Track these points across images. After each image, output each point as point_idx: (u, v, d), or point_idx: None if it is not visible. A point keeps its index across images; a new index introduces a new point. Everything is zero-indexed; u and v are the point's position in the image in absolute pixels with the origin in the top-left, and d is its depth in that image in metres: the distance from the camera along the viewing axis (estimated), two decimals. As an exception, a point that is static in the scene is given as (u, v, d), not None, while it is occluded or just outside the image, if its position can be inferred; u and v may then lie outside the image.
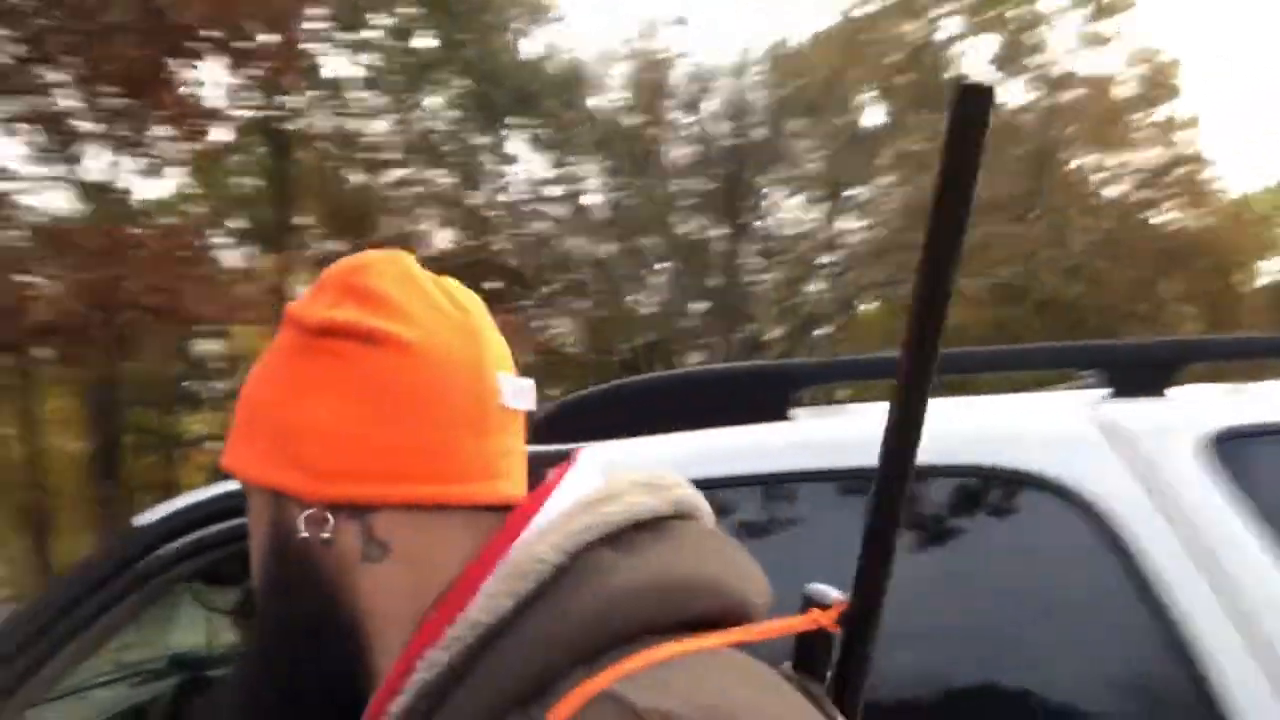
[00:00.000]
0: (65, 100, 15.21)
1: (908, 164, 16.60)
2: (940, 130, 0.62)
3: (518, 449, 0.74)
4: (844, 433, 1.73)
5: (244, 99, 16.63)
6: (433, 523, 0.69)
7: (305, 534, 0.68)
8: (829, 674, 0.73)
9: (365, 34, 19.83)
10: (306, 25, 16.90)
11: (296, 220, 22.21)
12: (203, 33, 11.28)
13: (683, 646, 0.62)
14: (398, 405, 0.68)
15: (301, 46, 14.98)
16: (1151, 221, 19.76)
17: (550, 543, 0.65)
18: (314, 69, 19.27)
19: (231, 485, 1.63)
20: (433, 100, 19.41)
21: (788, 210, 16.84)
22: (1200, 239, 19.11)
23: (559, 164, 16.92)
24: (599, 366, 16.92)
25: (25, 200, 19.38)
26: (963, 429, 1.54)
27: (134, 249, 11.87)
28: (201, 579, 2.01)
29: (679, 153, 15.59)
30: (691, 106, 14.41)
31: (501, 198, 17.35)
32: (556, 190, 17.43)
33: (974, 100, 0.61)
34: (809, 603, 0.73)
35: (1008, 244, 16.79)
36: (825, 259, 16.73)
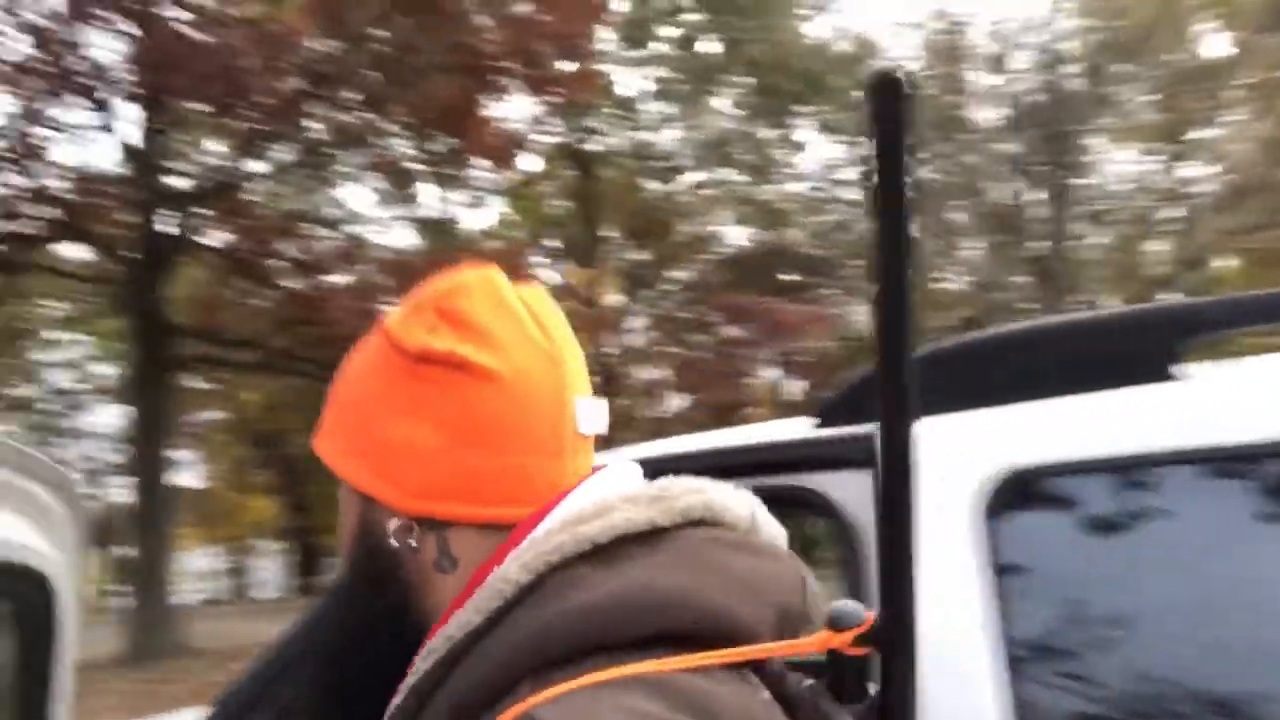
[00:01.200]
0: (399, 147, 17.05)
1: (1261, 95, 14.28)
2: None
3: (586, 468, 0.77)
4: (1243, 396, 1.32)
5: (547, 126, 17.72)
6: (500, 540, 0.72)
7: (394, 542, 0.74)
8: (871, 699, 0.68)
9: (652, 47, 20.47)
10: (598, 47, 17.70)
11: (602, 233, 23.41)
12: (504, 64, 12.03)
13: (633, 669, 0.61)
14: (484, 433, 0.72)
15: (595, 68, 15.66)
16: None
17: (521, 562, 0.67)
18: (608, 88, 20.18)
19: None
20: (719, 101, 19.57)
21: (1117, 164, 15.13)
22: None
23: (851, 145, 16.37)
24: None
25: (375, 239, 22.05)
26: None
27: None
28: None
29: (985, 117, 14.49)
30: (996, 66, 13.31)
31: (793, 188, 17.08)
32: (850, 173, 16.89)
33: (887, 91, 0.59)
34: (832, 622, 0.68)
35: None
36: (1166, 213, 14.81)
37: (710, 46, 19.86)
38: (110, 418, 26.25)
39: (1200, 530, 1.28)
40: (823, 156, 17.31)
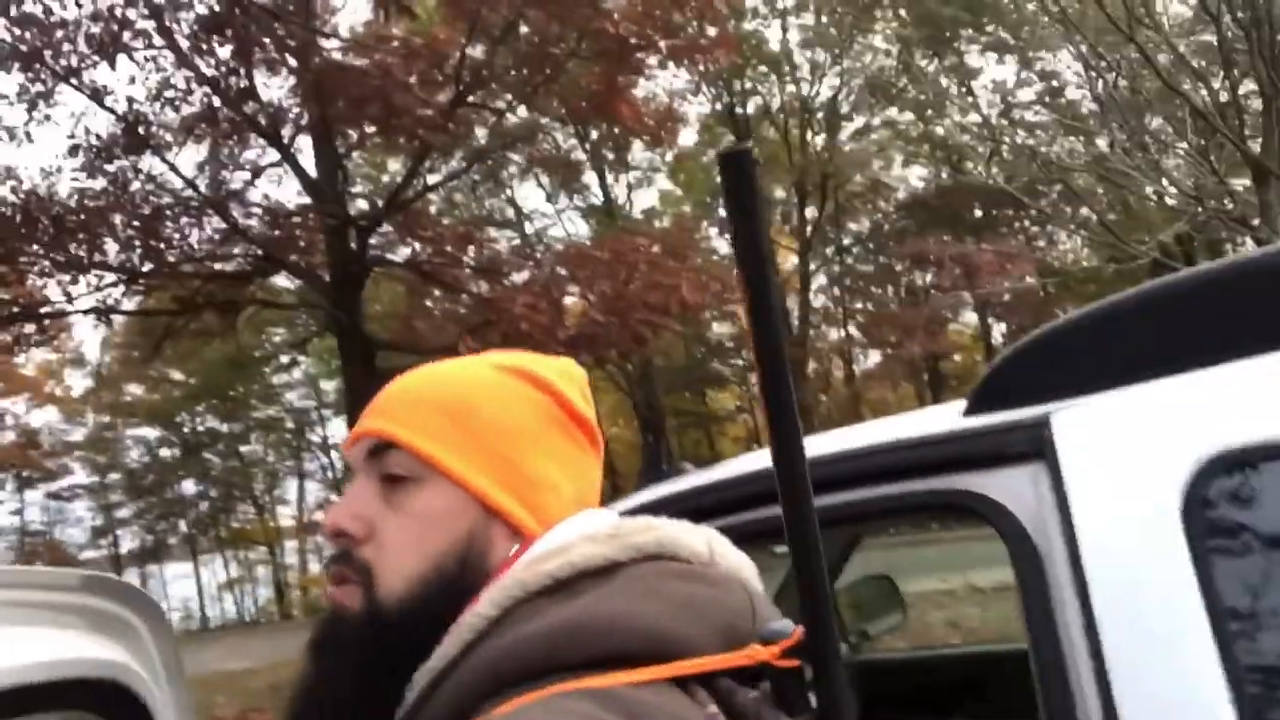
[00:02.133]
0: (558, 140, 17.31)
1: None
2: None
3: None
4: None
5: (699, 95, 17.45)
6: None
7: (501, 554, 0.80)
8: (812, 709, 0.69)
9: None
10: (739, 4, 17.19)
11: (771, 196, 22.92)
12: (643, 39, 11.87)
13: (582, 683, 0.65)
14: (592, 492, 0.88)
15: (736, 28, 15.22)
16: None
17: (489, 599, 0.74)
18: (757, 45, 19.64)
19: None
20: (876, 39, 18.62)
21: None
22: None
23: (1027, 64, 15.12)
24: (1119, 278, 14.85)
25: (551, 233, 22.57)
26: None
27: (635, 255, 12.91)
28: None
29: (1177, 9, 13.02)
30: (1183, -52, 11.92)
31: (971, 119, 16.01)
32: (1030, 94, 15.62)
33: (735, 164, 0.64)
34: (763, 637, 0.71)
35: None
36: None
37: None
38: (344, 429, 28.48)
39: None
40: (998, 80, 16.09)
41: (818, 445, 1.46)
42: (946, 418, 1.33)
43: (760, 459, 1.55)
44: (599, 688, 0.65)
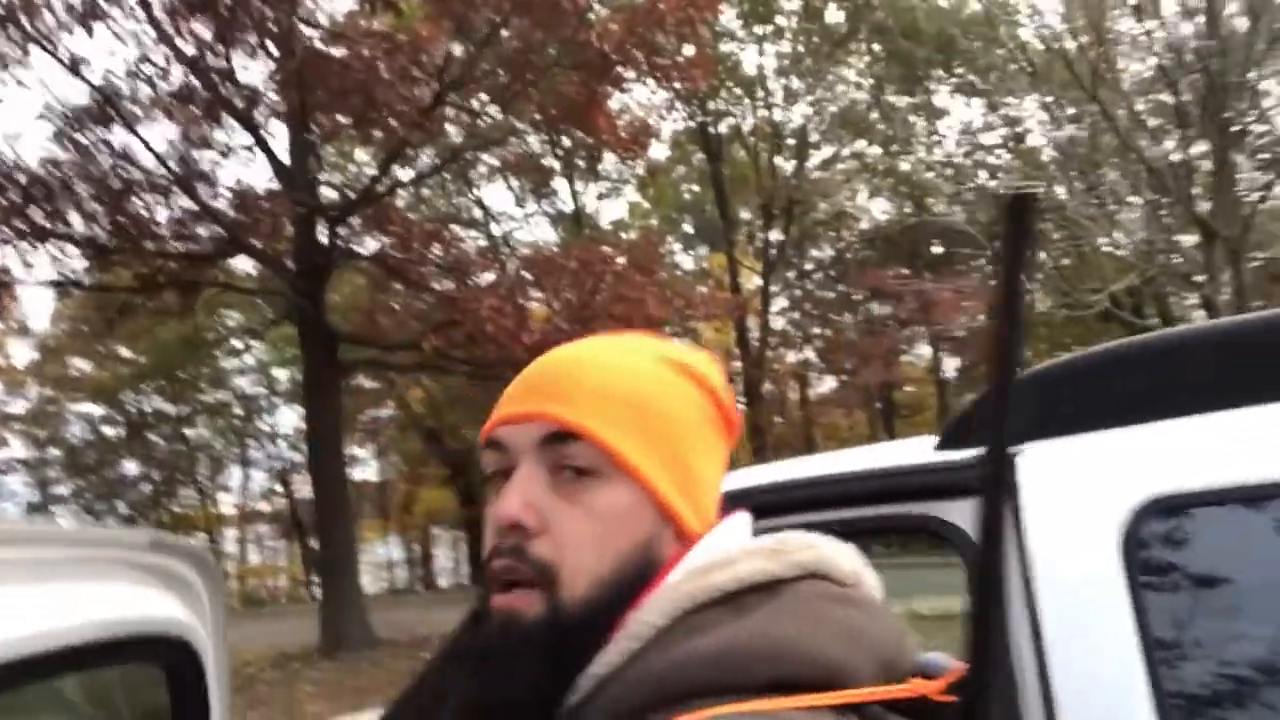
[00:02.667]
0: (531, 145, 17.38)
1: None
2: None
3: None
4: None
5: (673, 112, 17.66)
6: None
7: (668, 553, 0.78)
8: None
9: (777, 21, 20.05)
10: (719, 28, 17.46)
11: (737, 216, 23.18)
12: (624, 55, 12.03)
13: (748, 706, 0.65)
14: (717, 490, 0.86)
15: (714, 50, 15.44)
16: None
17: (658, 608, 0.73)
18: (733, 67, 19.93)
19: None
20: (849, 72, 19.00)
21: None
22: None
23: (993, 108, 15.58)
24: (1068, 324, 15.30)
25: (518, 235, 22.59)
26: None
27: (602, 266, 13.02)
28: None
29: (1137, 68, 13.52)
30: (1145, 10, 12.38)
31: (935, 156, 16.42)
32: (995, 138, 16.07)
33: (1021, 210, 0.66)
34: (919, 672, 0.74)
35: None
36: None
37: (836, 16, 19.30)
38: (294, 418, 28.13)
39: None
40: (965, 121, 16.53)
41: (799, 469, 1.62)
42: (921, 451, 1.50)
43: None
44: (766, 712, 0.65)
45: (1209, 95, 11.42)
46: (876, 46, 18.52)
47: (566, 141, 17.97)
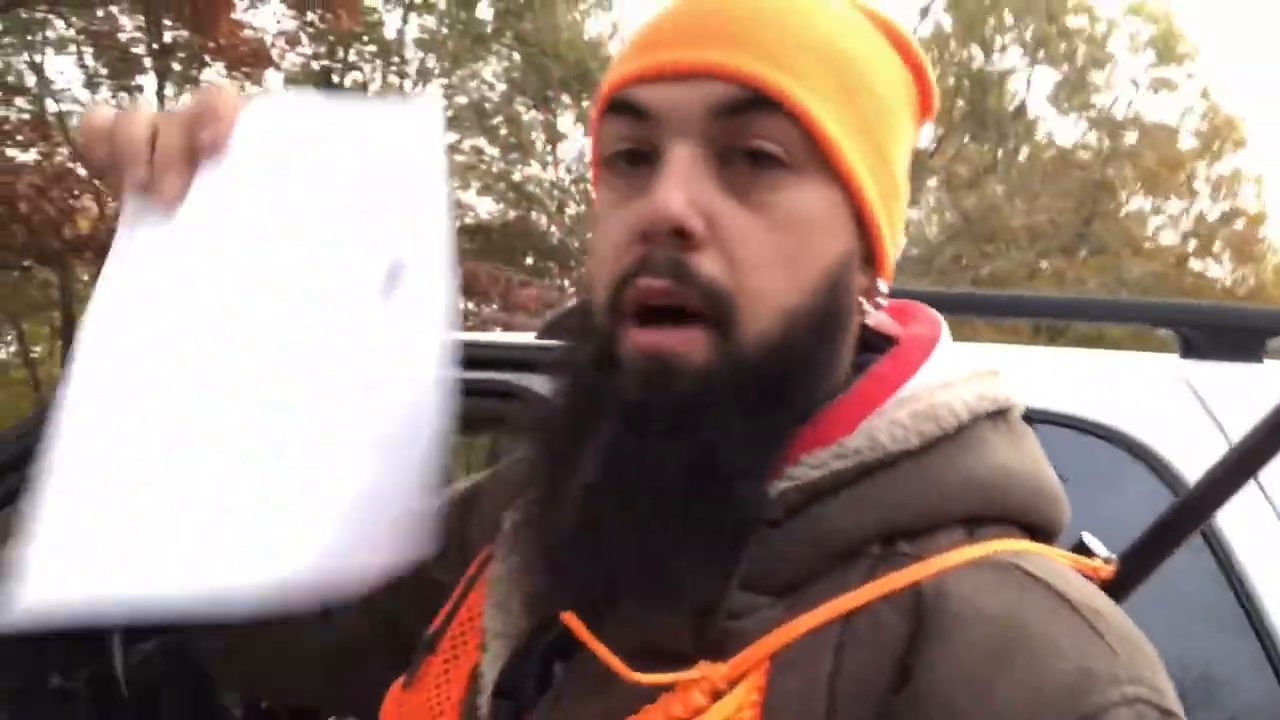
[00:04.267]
0: (124, 22, 15.19)
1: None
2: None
3: None
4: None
5: (300, 46, 16.55)
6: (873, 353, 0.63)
7: (856, 288, 0.60)
8: None
9: (429, -5, 19.76)
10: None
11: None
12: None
13: (1048, 550, 0.58)
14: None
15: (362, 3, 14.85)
16: (1203, 272, 19.40)
17: (961, 399, 0.57)
18: (376, 24, 19.19)
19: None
20: (486, 71, 19.26)
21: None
22: (1247, 295, 18.76)
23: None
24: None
25: (76, 124, 19.46)
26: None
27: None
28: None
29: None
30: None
31: (548, 175, 17.19)
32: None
33: None
34: (1083, 548, 0.64)
35: (1055, 276, 16.47)
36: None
37: (485, 13, 19.49)
38: None
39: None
40: (581, 151, 17.57)
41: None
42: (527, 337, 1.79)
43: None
44: (1057, 563, 0.56)
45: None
46: (516, 56, 19.00)
47: (168, 37, 16.01)
